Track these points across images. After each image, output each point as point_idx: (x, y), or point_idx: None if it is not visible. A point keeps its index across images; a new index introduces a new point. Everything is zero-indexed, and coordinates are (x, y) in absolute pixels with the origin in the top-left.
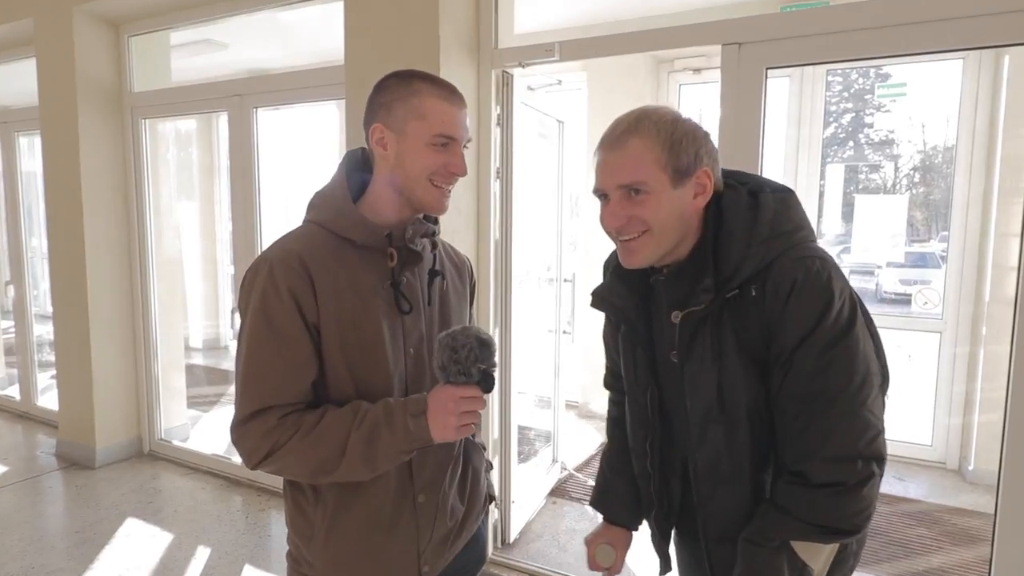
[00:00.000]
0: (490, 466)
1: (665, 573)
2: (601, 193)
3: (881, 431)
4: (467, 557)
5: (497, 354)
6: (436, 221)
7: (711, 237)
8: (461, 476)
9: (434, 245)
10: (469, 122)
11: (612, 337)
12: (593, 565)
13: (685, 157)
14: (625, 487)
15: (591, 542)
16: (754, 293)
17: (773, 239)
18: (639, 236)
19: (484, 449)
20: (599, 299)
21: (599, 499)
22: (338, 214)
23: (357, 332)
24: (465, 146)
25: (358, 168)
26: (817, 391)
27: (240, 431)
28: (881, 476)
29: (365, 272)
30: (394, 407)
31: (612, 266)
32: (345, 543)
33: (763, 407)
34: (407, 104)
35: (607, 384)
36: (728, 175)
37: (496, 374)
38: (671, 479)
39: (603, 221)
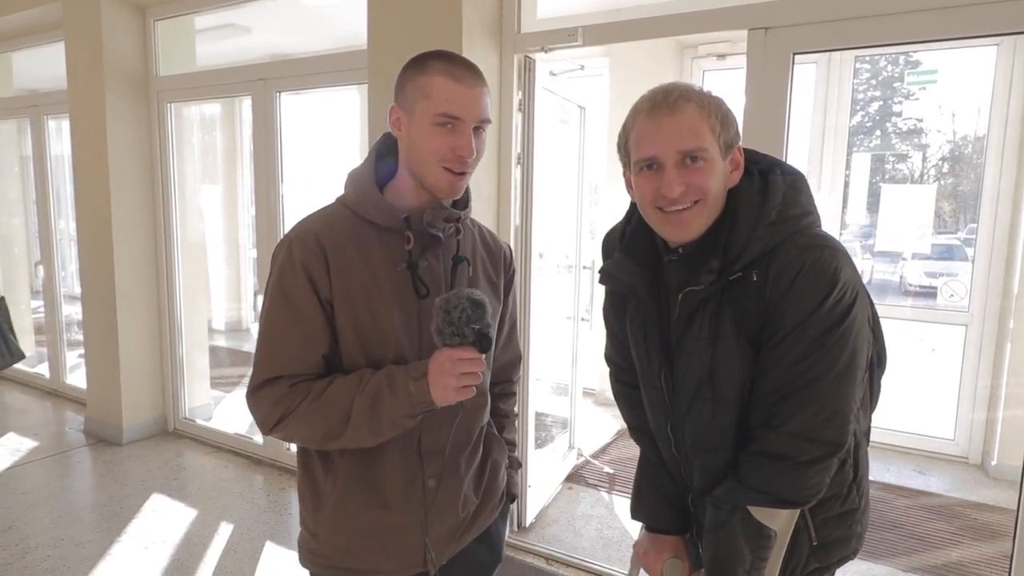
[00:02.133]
0: (518, 464)
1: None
2: (652, 161)
3: (848, 420)
4: (481, 554)
5: (490, 314)
6: (465, 206)
7: (728, 218)
8: (479, 467)
9: (458, 231)
10: (488, 103)
11: (617, 319)
12: None
13: (732, 129)
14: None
15: (655, 560)
16: (755, 278)
17: (780, 223)
18: (692, 206)
19: (513, 446)
20: (608, 276)
21: (652, 511)
22: (360, 196)
23: (370, 311)
24: (482, 128)
25: (392, 151)
26: (798, 372)
27: (254, 397)
28: (839, 459)
29: (382, 254)
30: (396, 372)
31: (617, 243)
32: (351, 516)
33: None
34: (416, 83)
35: (615, 376)
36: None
37: (492, 334)
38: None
39: (648, 192)
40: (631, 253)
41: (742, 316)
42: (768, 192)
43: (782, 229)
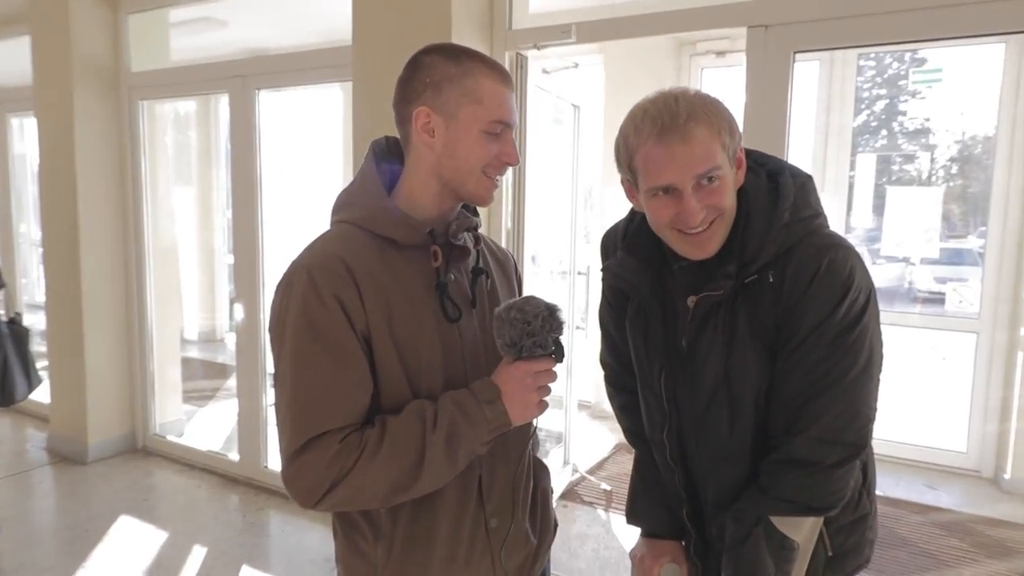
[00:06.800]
0: (551, 490)
1: None
2: (668, 187)
3: (870, 420)
4: None
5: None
6: (476, 212)
7: (741, 221)
8: (532, 500)
9: (477, 240)
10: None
11: (614, 320)
12: None
13: (737, 135)
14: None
15: (652, 564)
16: (771, 279)
17: (793, 224)
18: (711, 225)
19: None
20: (612, 274)
21: (649, 515)
22: (374, 211)
23: (413, 340)
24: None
25: (384, 158)
26: (818, 376)
27: (296, 466)
28: (861, 460)
29: (411, 274)
30: (463, 399)
31: (620, 241)
32: None
33: (769, 392)
34: (460, 85)
35: (608, 380)
36: (746, 155)
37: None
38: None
39: (666, 216)
40: (635, 252)
41: (757, 319)
42: (779, 194)
43: (795, 230)
